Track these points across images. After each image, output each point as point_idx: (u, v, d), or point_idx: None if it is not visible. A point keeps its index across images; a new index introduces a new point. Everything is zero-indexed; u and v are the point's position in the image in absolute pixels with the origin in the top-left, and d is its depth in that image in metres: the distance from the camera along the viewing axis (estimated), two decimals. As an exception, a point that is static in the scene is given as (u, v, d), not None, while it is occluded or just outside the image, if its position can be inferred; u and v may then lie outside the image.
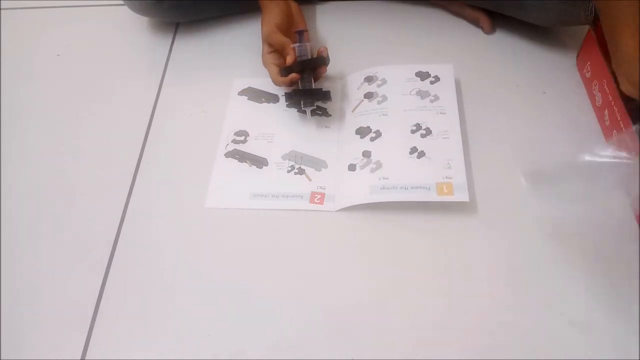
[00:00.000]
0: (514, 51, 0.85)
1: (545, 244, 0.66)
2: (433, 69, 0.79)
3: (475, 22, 0.88)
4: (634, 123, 0.67)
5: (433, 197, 0.67)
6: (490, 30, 0.87)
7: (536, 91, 0.80)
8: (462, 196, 0.67)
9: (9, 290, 0.66)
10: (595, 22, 0.75)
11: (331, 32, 0.90)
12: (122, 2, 0.89)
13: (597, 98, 0.76)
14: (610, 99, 0.71)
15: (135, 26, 0.94)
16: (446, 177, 0.69)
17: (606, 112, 0.73)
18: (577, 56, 0.82)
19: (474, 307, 0.62)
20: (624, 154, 0.57)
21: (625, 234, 0.63)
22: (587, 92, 0.79)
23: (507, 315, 0.61)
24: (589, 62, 0.78)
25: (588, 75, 0.79)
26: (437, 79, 0.78)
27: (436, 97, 0.76)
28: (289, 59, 0.74)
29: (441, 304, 0.62)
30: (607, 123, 0.73)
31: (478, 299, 0.62)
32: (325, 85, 0.82)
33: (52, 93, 0.86)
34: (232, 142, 0.77)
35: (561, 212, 0.61)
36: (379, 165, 0.71)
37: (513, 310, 0.61)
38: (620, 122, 0.69)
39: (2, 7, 1.00)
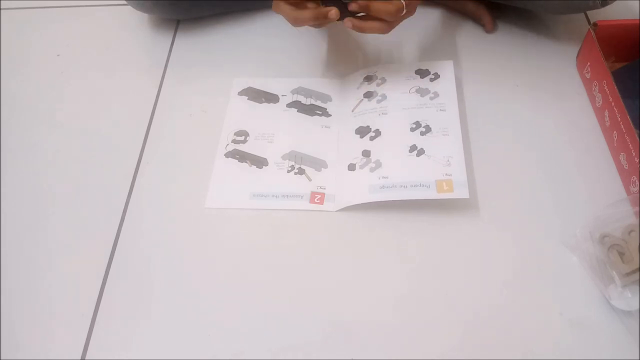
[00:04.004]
0: (514, 50, 0.85)
1: (545, 242, 0.66)
2: (433, 66, 0.79)
3: (476, 19, 0.88)
4: (637, 128, 0.67)
5: (433, 194, 0.67)
6: (491, 28, 0.87)
7: (536, 91, 0.80)
8: (462, 193, 0.67)
9: (9, 290, 0.66)
10: (604, 5, 0.75)
11: (330, 32, 0.90)
12: (122, 2, 0.89)
13: (597, 99, 0.75)
14: (611, 99, 0.71)
15: (135, 26, 0.93)
16: (446, 174, 0.68)
17: (606, 112, 0.73)
18: (577, 56, 0.82)
19: (474, 305, 0.62)
20: None
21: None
22: (587, 93, 0.79)
23: (507, 315, 0.61)
24: (588, 63, 0.78)
25: (588, 75, 0.78)
26: (436, 76, 0.78)
27: (436, 94, 0.76)
28: None
29: (441, 302, 0.62)
30: (608, 124, 0.73)
31: (478, 298, 0.62)
32: (324, 85, 0.82)
33: (52, 93, 0.86)
34: (232, 142, 0.76)
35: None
36: (378, 164, 0.71)
37: (513, 309, 0.61)
38: (621, 123, 0.69)
39: (2, 7, 1.00)
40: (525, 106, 0.78)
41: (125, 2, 0.88)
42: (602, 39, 0.75)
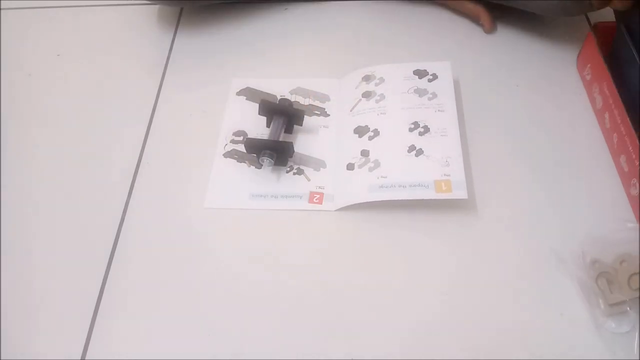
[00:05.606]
0: (514, 51, 0.85)
1: (545, 242, 0.66)
2: (431, 67, 0.79)
3: (475, 19, 0.88)
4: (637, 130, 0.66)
5: (431, 195, 0.67)
6: (490, 29, 0.87)
7: (536, 92, 0.80)
8: (460, 193, 0.67)
9: (9, 290, 0.66)
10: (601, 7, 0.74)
11: (329, 31, 0.90)
12: (122, 2, 0.90)
13: (597, 101, 0.75)
14: (611, 101, 0.71)
15: (135, 27, 0.94)
16: (444, 175, 0.69)
17: (606, 115, 0.73)
18: (577, 58, 0.82)
19: (473, 306, 0.62)
20: None
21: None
22: (587, 94, 0.79)
23: (506, 315, 0.61)
24: (589, 65, 0.78)
25: (588, 77, 0.78)
26: (435, 76, 0.78)
27: (434, 95, 0.76)
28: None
29: (441, 303, 0.62)
30: (608, 126, 0.73)
31: (477, 298, 0.62)
32: (323, 85, 0.82)
33: (52, 93, 0.86)
34: (230, 142, 0.77)
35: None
36: (377, 164, 0.71)
37: (512, 309, 0.61)
38: (621, 125, 0.69)
39: (2, 7, 1.00)
40: (525, 107, 0.78)
41: (125, 3, 0.88)
42: (602, 41, 0.75)
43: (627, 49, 0.71)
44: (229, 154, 0.75)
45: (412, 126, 0.73)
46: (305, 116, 0.76)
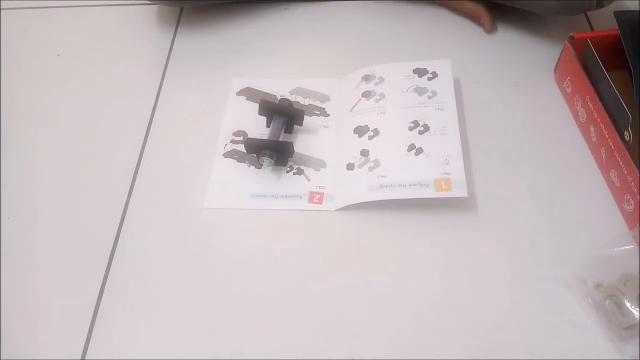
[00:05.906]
0: (514, 51, 0.85)
1: (545, 241, 0.66)
2: (431, 65, 0.79)
3: (476, 19, 0.88)
4: None
5: (431, 193, 0.67)
6: (490, 29, 0.87)
7: (536, 92, 0.80)
8: (460, 192, 0.67)
9: (8, 290, 0.66)
10: (600, 6, 0.74)
11: (329, 31, 0.90)
12: (123, 2, 0.90)
13: (580, 114, 0.74)
14: (596, 115, 0.69)
15: (135, 27, 0.94)
16: (444, 173, 0.68)
17: (592, 128, 0.72)
18: (555, 69, 0.80)
19: (473, 305, 0.62)
20: None
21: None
22: (569, 107, 0.77)
23: (506, 315, 0.61)
24: (568, 77, 0.77)
25: (569, 90, 0.77)
26: (434, 74, 0.78)
27: (434, 93, 0.76)
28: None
29: (441, 302, 0.62)
30: (594, 140, 0.71)
31: (477, 298, 0.62)
32: (323, 85, 0.82)
33: (52, 93, 0.86)
34: (230, 142, 0.77)
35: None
36: (377, 163, 0.71)
37: (512, 309, 0.61)
38: (609, 140, 0.67)
39: (2, 7, 1.00)
40: (525, 107, 0.78)
41: (125, 3, 0.88)
42: (580, 52, 0.74)
43: (595, 65, 0.70)
44: (229, 154, 0.75)
45: (412, 125, 0.73)
46: (305, 116, 0.76)
